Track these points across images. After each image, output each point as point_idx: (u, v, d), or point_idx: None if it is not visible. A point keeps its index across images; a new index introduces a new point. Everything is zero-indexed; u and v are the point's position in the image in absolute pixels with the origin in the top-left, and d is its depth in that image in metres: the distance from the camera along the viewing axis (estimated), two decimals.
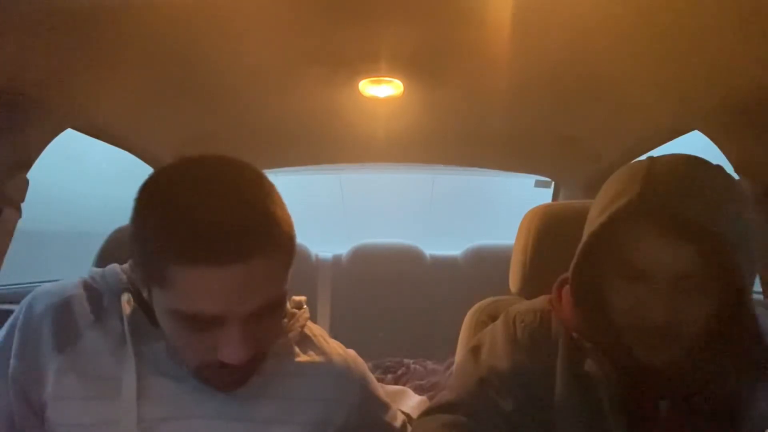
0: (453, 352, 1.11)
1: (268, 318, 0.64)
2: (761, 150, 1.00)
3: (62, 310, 0.68)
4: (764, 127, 0.97)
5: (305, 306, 0.82)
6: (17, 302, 0.73)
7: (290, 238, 0.64)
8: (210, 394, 0.67)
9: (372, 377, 0.85)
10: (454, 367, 1.06)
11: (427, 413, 0.78)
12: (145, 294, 0.66)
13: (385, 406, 0.86)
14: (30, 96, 1.01)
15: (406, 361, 1.99)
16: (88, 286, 0.71)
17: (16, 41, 0.86)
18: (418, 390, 1.61)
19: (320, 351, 0.79)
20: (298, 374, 0.74)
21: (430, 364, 1.97)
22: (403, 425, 0.87)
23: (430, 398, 0.92)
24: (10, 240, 1.08)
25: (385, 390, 0.94)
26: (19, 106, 1.00)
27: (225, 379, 0.65)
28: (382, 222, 3.40)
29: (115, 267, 0.72)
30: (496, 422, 0.73)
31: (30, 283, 1.80)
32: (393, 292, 2.33)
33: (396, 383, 1.77)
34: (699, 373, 0.68)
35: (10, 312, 0.74)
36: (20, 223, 1.09)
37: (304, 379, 0.74)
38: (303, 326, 0.79)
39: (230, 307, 0.59)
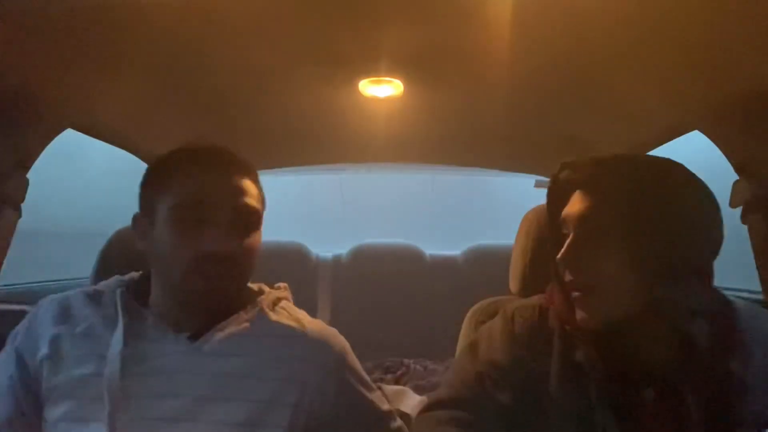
0: (453, 352, 1.11)
1: (245, 230, 0.80)
2: (761, 150, 1.00)
3: (63, 299, 0.83)
4: (764, 128, 0.97)
5: (284, 288, 0.95)
6: (17, 302, 0.74)
7: (248, 164, 0.86)
8: (191, 354, 0.77)
9: (354, 357, 0.89)
10: None
11: (426, 410, 0.79)
12: (149, 246, 0.81)
13: (368, 386, 0.88)
14: (30, 96, 1.01)
15: (406, 361, 1.99)
16: (91, 289, 0.85)
17: (17, 41, 0.86)
18: (418, 390, 1.61)
19: (296, 319, 0.87)
20: (271, 334, 0.82)
21: (430, 364, 1.97)
22: (389, 412, 0.89)
23: (429, 398, 0.92)
24: (10, 240, 1.08)
25: (385, 390, 0.94)
26: (19, 106, 1.00)
27: (210, 279, 0.76)
28: (382, 222, 3.40)
29: (116, 276, 0.88)
30: (494, 416, 0.74)
31: (30, 283, 1.80)
32: (393, 292, 2.33)
33: (396, 383, 1.77)
34: (676, 356, 0.69)
35: (10, 312, 0.76)
36: (20, 223, 1.09)
37: (278, 339, 0.82)
38: (278, 299, 0.89)
39: (217, 194, 0.78)
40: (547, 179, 2.04)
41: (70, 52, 0.93)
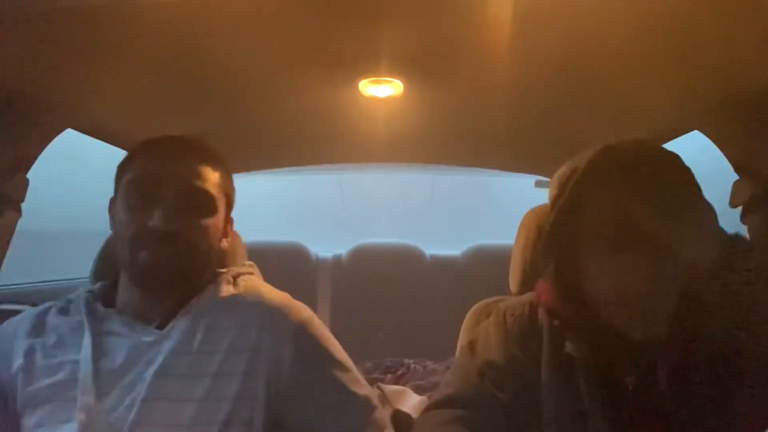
0: (453, 352, 1.11)
1: (195, 211, 0.83)
2: (761, 150, 1.00)
3: (38, 313, 0.86)
4: (764, 127, 0.97)
5: (249, 265, 0.99)
6: (17, 302, 0.75)
7: (223, 159, 0.91)
8: (158, 341, 0.79)
9: (322, 331, 0.88)
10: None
11: (428, 409, 0.79)
12: (113, 222, 0.86)
13: (336, 364, 0.84)
14: (30, 96, 1.01)
15: (406, 361, 1.99)
16: (63, 300, 0.88)
17: (17, 41, 0.86)
18: (418, 390, 1.61)
19: (251, 288, 0.89)
20: (224, 306, 0.84)
21: (430, 364, 1.97)
22: (364, 397, 0.83)
23: (430, 398, 0.92)
24: (10, 240, 1.08)
25: (385, 390, 0.94)
26: (19, 106, 1.00)
27: (156, 255, 0.79)
28: (382, 222, 3.40)
29: (84, 287, 0.91)
30: (496, 413, 0.75)
31: (30, 283, 1.80)
32: (393, 292, 2.34)
33: (396, 383, 1.77)
34: (665, 346, 0.69)
35: (10, 312, 0.76)
36: (20, 223, 1.09)
37: (231, 311, 0.84)
38: (238, 274, 0.92)
39: (167, 173, 0.82)
40: (548, 179, 2.06)
41: (70, 53, 0.93)
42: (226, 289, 0.87)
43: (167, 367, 0.77)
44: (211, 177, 0.86)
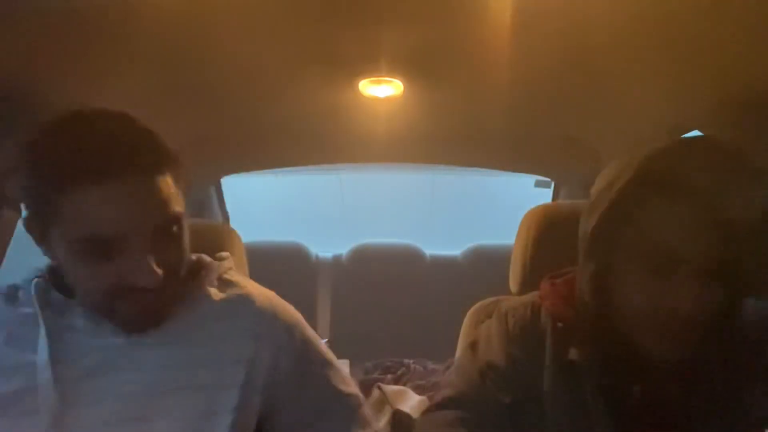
0: (453, 352, 1.11)
1: (170, 239, 0.67)
2: (762, 150, 1.00)
3: None
4: (764, 127, 0.97)
5: (226, 257, 0.85)
6: None
7: (166, 148, 0.70)
8: (131, 347, 0.69)
9: (309, 330, 0.83)
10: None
11: (430, 410, 0.79)
12: (49, 254, 0.69)
13: (327, 363, 0.83)
14: (30, 95, 1.01)
15: (406, 361, 1.99)
16: (9, 286, 0.75)
17: (16, 41, 0.86)
18: (418, 390, 1.61)
19: (240, 289, 0.79)
20: (215, 316, 0.75)
21: (430, 364, 1.97)
22: (354, 397, 0.82)
23: (430, 398, 0.92)
24: (10, 240, 1.08)
25: (385, 390, 0.94)
26: (18, 106, 1.00)
27: (140, 306, 0.66)
28: (382, 222, 3.40)
29: (35, 266, 0.77)
30: (498, 415, 0.74)
31: None
32: (393, 292, 2.34)
33: (396, 383, 1.77)
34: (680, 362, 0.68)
35: None
36: (20, 223, 1.09)
37: (223, 320, 0.75)
38: (223, 273, 0.81)
39: (128, 223, 0.62)
40: (548, 179, 2.06)
41: (71, 53, 0.93)
42: (216, 296, 0.77)
43: (156, 384, 0.68)
44: (170, 184, 0.67)
